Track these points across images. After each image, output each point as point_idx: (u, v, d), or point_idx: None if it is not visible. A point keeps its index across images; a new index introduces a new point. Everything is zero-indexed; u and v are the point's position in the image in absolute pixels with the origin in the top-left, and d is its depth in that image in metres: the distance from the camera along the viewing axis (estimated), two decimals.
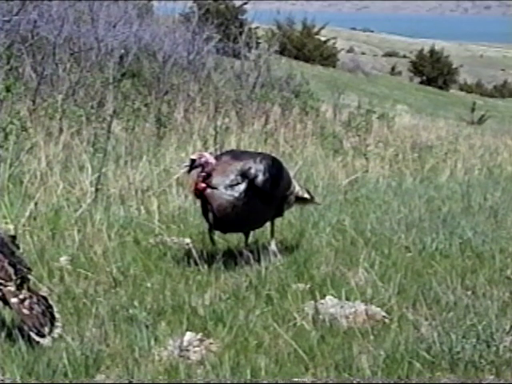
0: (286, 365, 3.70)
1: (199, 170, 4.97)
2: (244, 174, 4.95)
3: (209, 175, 4.94)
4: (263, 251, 5.11)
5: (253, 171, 4.98)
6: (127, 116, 9.86)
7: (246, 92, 12.63)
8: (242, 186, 4.93)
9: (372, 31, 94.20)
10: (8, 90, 8.32)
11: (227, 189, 4.92)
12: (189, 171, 5.04)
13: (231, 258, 5.05)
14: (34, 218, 5.64)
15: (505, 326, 3.97)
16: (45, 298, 3.92)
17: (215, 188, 4.91)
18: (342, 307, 4.23)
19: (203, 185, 4.93)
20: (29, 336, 3.78)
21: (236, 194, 4.91)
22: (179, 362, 3.70)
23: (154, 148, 8.64)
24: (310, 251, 5.29)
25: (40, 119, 8.74)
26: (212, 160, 5.00)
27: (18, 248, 4.08)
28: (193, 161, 5.00)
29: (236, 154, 5.19)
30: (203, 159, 4.98)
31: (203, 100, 11.89)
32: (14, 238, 4.11)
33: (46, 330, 3.81)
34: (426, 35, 76.36)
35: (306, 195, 5.49)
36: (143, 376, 3.56)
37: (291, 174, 5.53)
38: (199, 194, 4.96)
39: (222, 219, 4.93)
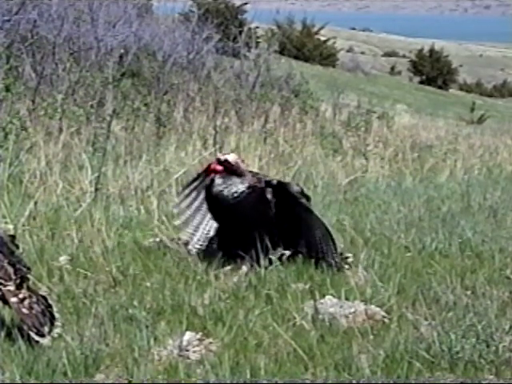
0: (286, 364, 3.70)
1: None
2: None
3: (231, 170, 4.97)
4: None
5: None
6: (127, 116, 9.88)
7: (245, 92, 12.65)
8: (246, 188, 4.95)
9: (371, 31, 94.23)
10: (8, 89, 8.33)
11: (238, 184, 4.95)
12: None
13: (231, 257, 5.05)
14: (34, 218, 5.64)
15: (504, 325, 3.97)
16: (44, 298, 3.92)
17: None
18: (341, 307, 4.23)
19: (220, 167, 4.96)
20: (28, 335, 3.77)
21: (241, 189, 4.94)
22: (179, 361, 3.70)
23: (153, 148, 8.65)
24: None
25: (39, 119, 8.74)
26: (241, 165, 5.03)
27: (18, 247, 4.08)
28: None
29: None
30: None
31: (203, 100, 11.91)
32: (13, 237, 4.11)
33: (46, 329, 3.81)
34: (425, 35, 76.36)
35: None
36: (143, 375, 3.56)
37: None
38: (212, 171, 4.99)
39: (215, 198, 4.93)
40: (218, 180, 4.97)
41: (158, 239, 5.37)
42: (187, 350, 3.80)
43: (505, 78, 55.20)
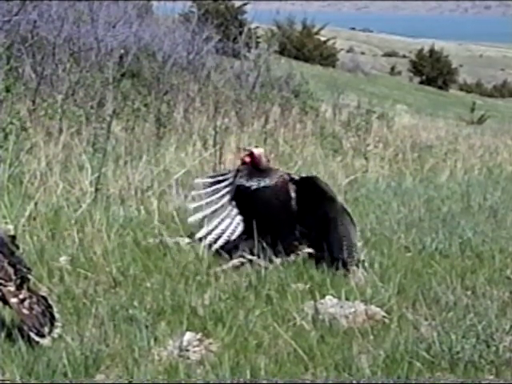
0: (286, 365, 3.70)
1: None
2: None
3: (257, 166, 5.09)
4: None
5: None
6: (127, 116, 9.88)
7: (245, 92, 12.66)
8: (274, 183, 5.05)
9: (372, 31, 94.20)
10: (8, 90, 8.33)
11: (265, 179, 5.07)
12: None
13: (231, 257, 5.05)
14: (34, 218, 5.64)
15: (505, 325, 3.97)
16: (44, 298, 3.92)
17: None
18: (341, 307, 4.23)
19: (248, 159, 5.10)
20: (28, 336, 3.78)
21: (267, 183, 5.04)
22: (179, 361, 3.70)
23: (153, 148, 8.65)
24: None
25: (40, 119, 8.74)
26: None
27: (18, 248, 4.08)
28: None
29: None
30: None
31: (203, 100, 11.91)
32: (13, 238, 4.11)
33: (46, 330, 3.81)
34: (425, 35, 76.32)
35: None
36: (143, 376, 3.56)
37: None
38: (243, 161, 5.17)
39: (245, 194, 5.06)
40: (243, 172, 5.07)
41: (158, 239, 5.38)
42: (187, 351, 3.80)
43: (505, 78, 55.19)
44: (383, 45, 75.50)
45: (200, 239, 5.18)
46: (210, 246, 5.12)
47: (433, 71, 43.77)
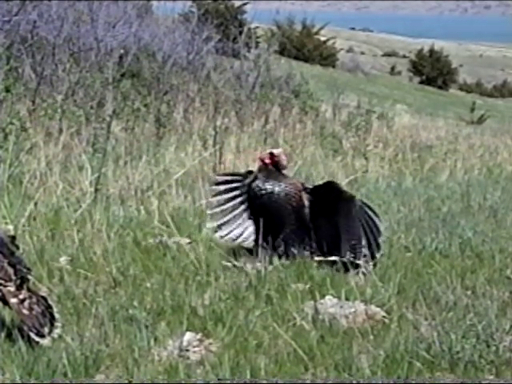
0: (286, 365, 3.70)
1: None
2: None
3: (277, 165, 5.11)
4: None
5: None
6: (127, 116, 9.89)
7: (245, 92, 12.66)
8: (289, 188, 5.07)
9: (371, 31, 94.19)
10: (8, 90, 8.34)
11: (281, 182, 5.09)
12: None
13: (231, 257, 5.05)
14: (34, 219, 5.64)
15: (505, 325, 3.97)
16: (44, 299, 3.92)
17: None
18: (341, 307, 4.23)
19: (268, 160, 5.12)
20: (28, 336, 3.77)
21: (282, 187, 5.06)
22: (179, 362, 3.70)
23: (153, 148, 8.65)
24: None
25: (39, 119, 8.75)
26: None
27: (18, 248, 4.08)
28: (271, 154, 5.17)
29: None
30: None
31: (203, 100, 11.93)
32: (13, 238, 4.11)
33: (46, 330, 3.81)
34: (425, 35, 76.32)
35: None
36: (143, 376, 3.56)
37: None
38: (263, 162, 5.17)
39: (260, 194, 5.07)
40: (260, 174, 5.10)
41: (158, 240, 5.38)
42: (187, 351, 3.79)
43: (505, 78, 55.18)
44: (383, 45, 75.49)
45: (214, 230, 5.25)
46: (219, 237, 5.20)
47: (433, 71, 43.77)
